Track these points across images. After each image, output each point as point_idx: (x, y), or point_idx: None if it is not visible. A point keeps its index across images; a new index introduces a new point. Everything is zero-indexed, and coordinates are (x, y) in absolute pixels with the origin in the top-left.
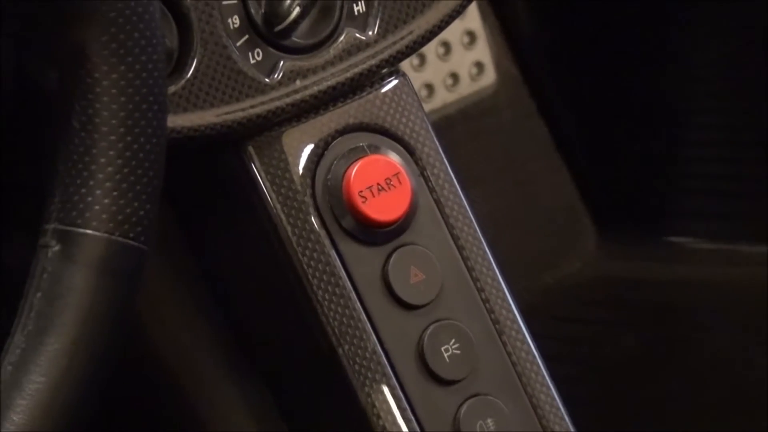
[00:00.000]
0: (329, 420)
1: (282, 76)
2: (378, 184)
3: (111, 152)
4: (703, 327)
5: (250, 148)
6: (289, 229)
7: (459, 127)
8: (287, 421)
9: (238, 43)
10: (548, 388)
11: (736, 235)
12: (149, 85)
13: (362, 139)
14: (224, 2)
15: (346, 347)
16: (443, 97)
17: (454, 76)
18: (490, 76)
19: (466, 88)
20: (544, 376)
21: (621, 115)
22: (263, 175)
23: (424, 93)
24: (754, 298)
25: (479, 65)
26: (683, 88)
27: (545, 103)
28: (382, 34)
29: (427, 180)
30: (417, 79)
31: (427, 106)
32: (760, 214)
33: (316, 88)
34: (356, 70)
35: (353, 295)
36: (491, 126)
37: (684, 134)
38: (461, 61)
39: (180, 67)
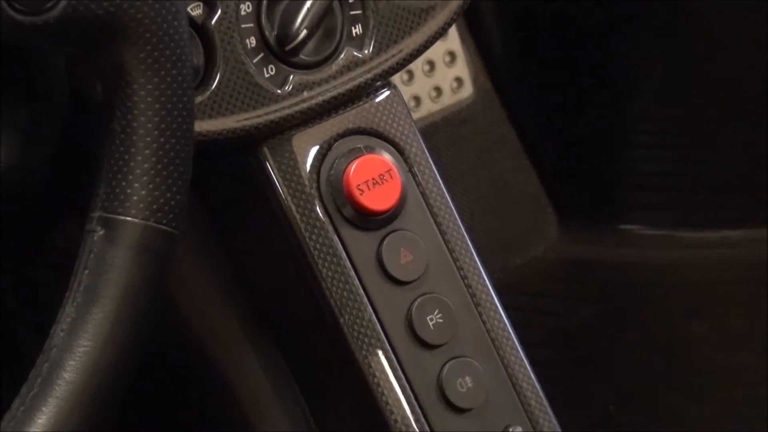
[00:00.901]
0: (333, 379)
1: (292, 88)
2: (373, 179)
3: (147, 151)
4: (648, 300)
5: (265, 149)
6: (297, 217)
7: (441, 133)
8: (297, 381)
9: (255, 60)
10: (517, 350)
11: (675, 223)
12: (179, 95)
13: (360, 141)
14: (242, 26)
15: (346, 317)
16: (428, 107)
17: (438, 90)
18: (467, 90)
19: (448, 99)
20: (513, 341)
21: (578, 123)
22: (276, 171)
23: (412, 104)
24: (690, 276)
25: (459, 80)
26: (630, 99)
27: (514, 112)
28: (376, 52)
29: (414, 176)
30: (406, 92)
31: (415, 115)
32: (695, 206)
33: (320, 98)
34: (354, 83)
35: (352, 273)
36: (468, 132)
37: (631, 138)
38: (443, 77)
39: (205, 80)
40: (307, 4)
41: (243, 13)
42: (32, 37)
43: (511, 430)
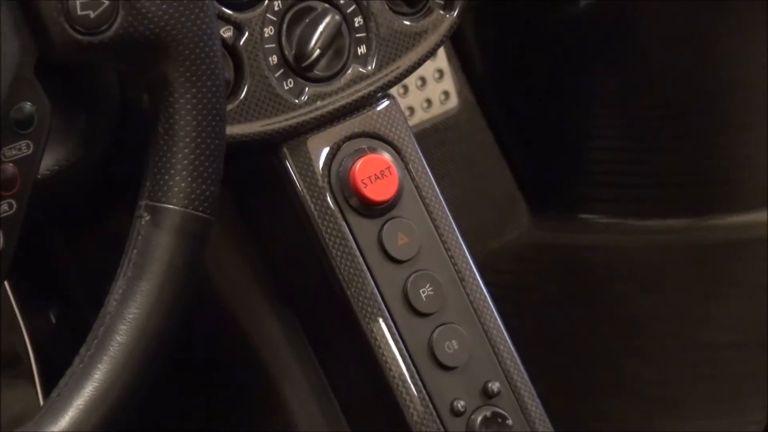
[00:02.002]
0: (341, 342)
1: (307, 98)
2: (375, 174)
3: (186, 150)
4: (603, 279)
5: (285, 149)
6: (312, 206)
7: (432, 137)
8: (311, 343)
9: (276, 75)
10: (495, 319)
11: (626, 213)
12: (213, 104)
13: (364, 143)
14: (266, 46)
15: (353, 290)
16: (420, 115)
17: (428, 101)
18: (453, 102)
19: (437, 109)
20: (492, 311)
21: (545, 129)
22: (294, 168)
23: (407, 112)
24: (638, 258)
25: (446, 93)
26: (588, 109)
27: (492, 120)
28: (378, 69)
29: (409, 172)
30: (402, 103)
31: (409, 122)
32: (642, 198)
33: (331, 107)
34: (359, 94)
35: (357, 253)
36: (454, 136)
37: (589, 142)
38: (433, 91)
39: (235, 92)
40: (320, 28)
41: (266, 35)
42: (89, 55)
43: (489, 385)
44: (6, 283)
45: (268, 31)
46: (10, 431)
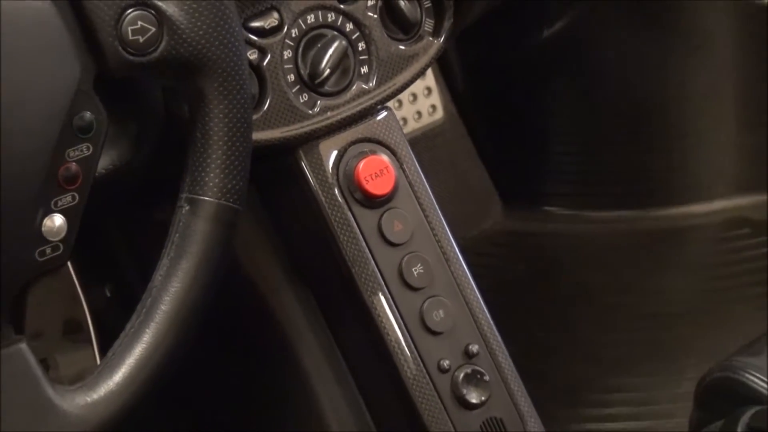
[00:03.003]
0: (347, 313)
1: (319, 110)
2: (375, 172)
3: (219, 151)
4: (562, 260)
5: (300, 152)
6: (323, 199)
7: (422, 142)
8: (323, 314)
9: (293, 90)
10: (474, 293)
11: (582, 206)
12: (241, 113)
13: (366, 147)
14: (285, 66)
15: (357, 269)
16: (412, 125)
17: (419, 113)
18: (440, 114)
19: (426, 120)
20: (472, 286)
21: (516, 136)
22: (308, 167)
23: (401, 122)
24: (592, 243)
25: (433, 107)
26: (551, 118)
27: (471, 129)
28: (378, 85)
29: (404, 171)
30: (397, 114)
31: (403, 130)
32: (596, 194)
33: (339, 117)
34: (362, 106)
35: (360, 237)
36: (440, 142)
37: (554, 147)
38: (423, 104)
39: (259, 104)
40: (330, 52)
41: (285, 57)
42: (138, 72)
43: (470, 347)
44: (69, 262)
45: (287, 54)
46: (72, 386)
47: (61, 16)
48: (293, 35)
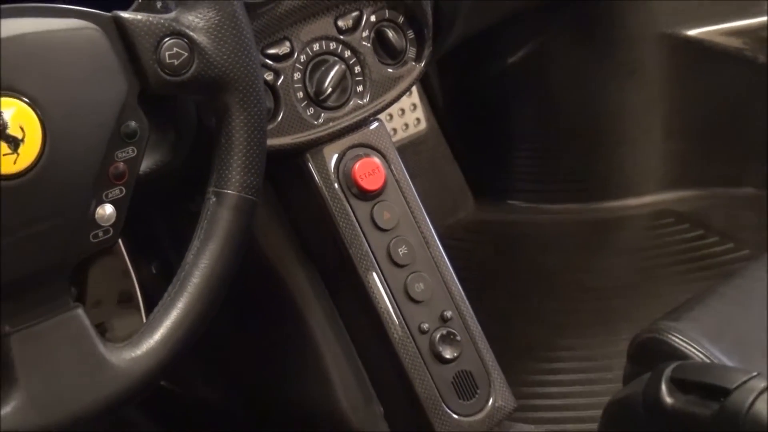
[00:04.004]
0: (346, 288)
1: (323, 121)
2: (368, 172)
3: (239, 153)
4: (523, 244)
5: (307, 155)
6: (326, 193)
7: (408, 149)
8: (327, 288)
9: (301, 105)
10: (449, 269)
11: (539, 200)
12: (258, 123)
13: (361, 151)
14: (295, 85)
15: (353, 249)
16: (400, 135)
17: (406, 125)
18: (423, 125)
19: (412, 130)
20: (447, 264)
21: (485, 143)
22: (313, 167)
23: (391, 133)
24: (547, 231)
25: (418, 120)
26: (515, 128)
27: (449, 138)
28: (371, 101)
29: (392, 171)
30: (388, 125)
31: (393, 139)
32: (551, 190)
33: (339, 126)
34: (358, 118)
35: (356, 224)
36: (423, 148)
37: (515, 152)
38: (409, 118)
39: (274, 116)
40: (331, 74)
41: (295, 78)
42: (174, 89)
43: (445, 313)
44: (121, 244)
45: (297, 75)
46: (111, 344)
47: (111, 42)
48: (302, 60)
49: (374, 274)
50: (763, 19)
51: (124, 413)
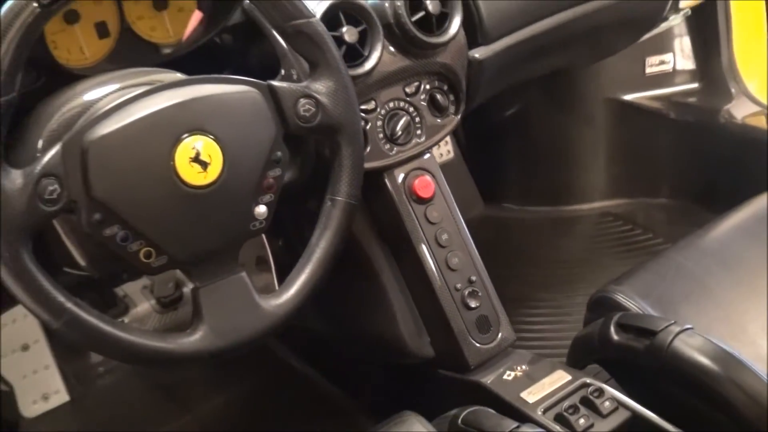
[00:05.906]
0: (407, 259)
1: (395, 153)
2: (423, 185)
3: (346, 172)
4: (513, 234)
5: (384, 174)
6: (396, 200)
7: (445, 170)
8: (395, 258)
9: (381, 142)
10: (473, 248)
11: (523, 203)
12: (358, 153)
13: (419, 172)
14: (377, 129)
15: (413, 236)
16: (439, 160)
17: (441, 154)
18: (452, 154)
19: (445, 157)
20: (472, 246)
21: (491, 167)
22: (389, 183)
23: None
24: (530, 225)
25: (449, 151)
26: (510, 157)
27: (469, 162)
28: (425, 140)
29: (438, 185)
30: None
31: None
32: (533, 195)
33: (405, 156)
34: (417, 150)
35: (416, 220)
36: (452, 171)
37: (507, 171)
38: (443, 149)
39: (365, 149)
40: (401, 123)
41: (378, 125)
42: (305, 132)
43: (471, 277)
44: None
45: (378, 123)
46: (267, 295)
47: (266, 101)
48: (382, 113)
49: (426, 251)
50: (673, 89)
51: (267, 340)
